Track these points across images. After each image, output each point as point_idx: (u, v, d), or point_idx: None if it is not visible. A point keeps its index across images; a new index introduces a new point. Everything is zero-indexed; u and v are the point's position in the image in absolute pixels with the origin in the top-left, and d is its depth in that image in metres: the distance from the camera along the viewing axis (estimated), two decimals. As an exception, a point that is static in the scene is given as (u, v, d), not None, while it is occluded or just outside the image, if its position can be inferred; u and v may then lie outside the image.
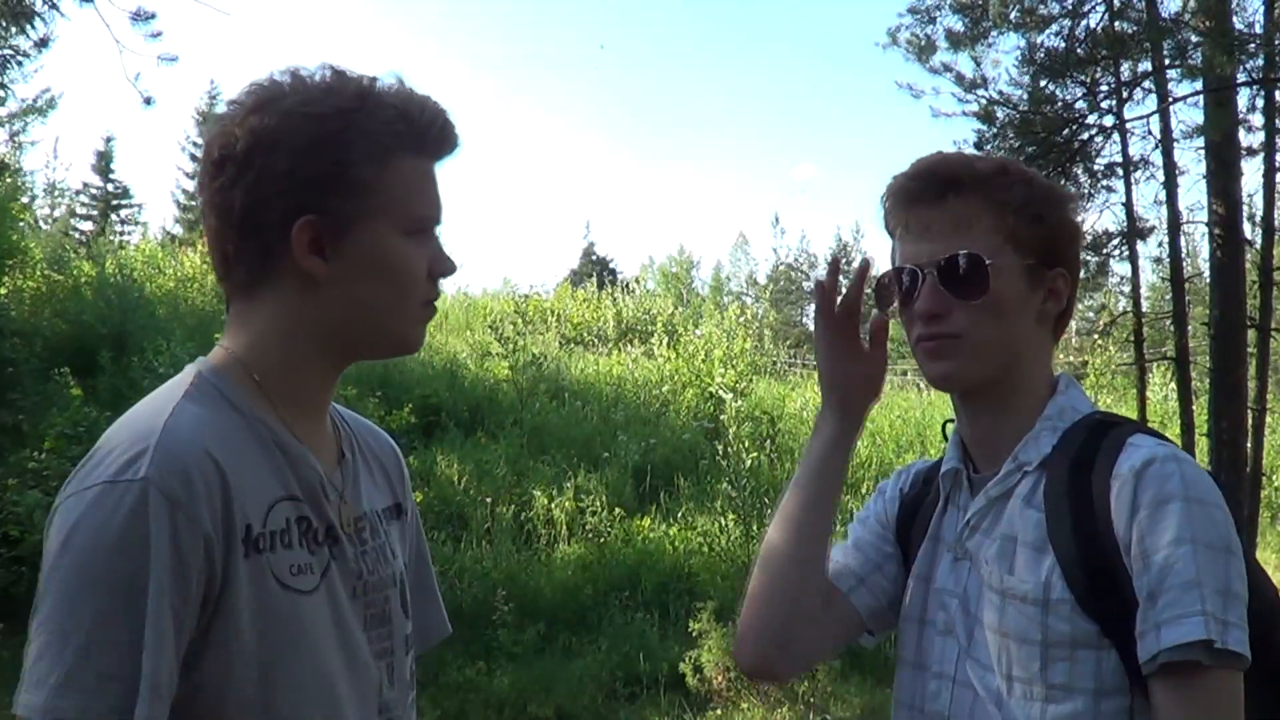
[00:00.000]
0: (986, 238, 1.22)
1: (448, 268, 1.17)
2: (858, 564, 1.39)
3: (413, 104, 1.11)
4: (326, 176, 1.06)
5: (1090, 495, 1.14)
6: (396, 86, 1.12)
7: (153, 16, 7.02)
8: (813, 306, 1.38)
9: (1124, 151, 7.09)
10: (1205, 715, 1.05)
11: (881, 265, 1.36)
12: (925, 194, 1.24)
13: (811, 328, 1.38)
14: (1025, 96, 7.18)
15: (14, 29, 7.26)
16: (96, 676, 0.91)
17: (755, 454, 7.91)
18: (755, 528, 6.99)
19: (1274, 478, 11.11)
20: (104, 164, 33.21)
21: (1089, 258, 7.44)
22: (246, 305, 1.13)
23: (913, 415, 12.49)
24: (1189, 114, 7.83)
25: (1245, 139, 6.93)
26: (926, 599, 1.30)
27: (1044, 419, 1.24)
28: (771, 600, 1.31)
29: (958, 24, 7.10)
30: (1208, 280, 7.00)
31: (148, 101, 7.31)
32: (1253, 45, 6.25)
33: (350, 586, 1.14)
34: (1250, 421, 6.55)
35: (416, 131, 1.11)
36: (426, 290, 1.16)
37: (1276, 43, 6.19)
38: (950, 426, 1.38)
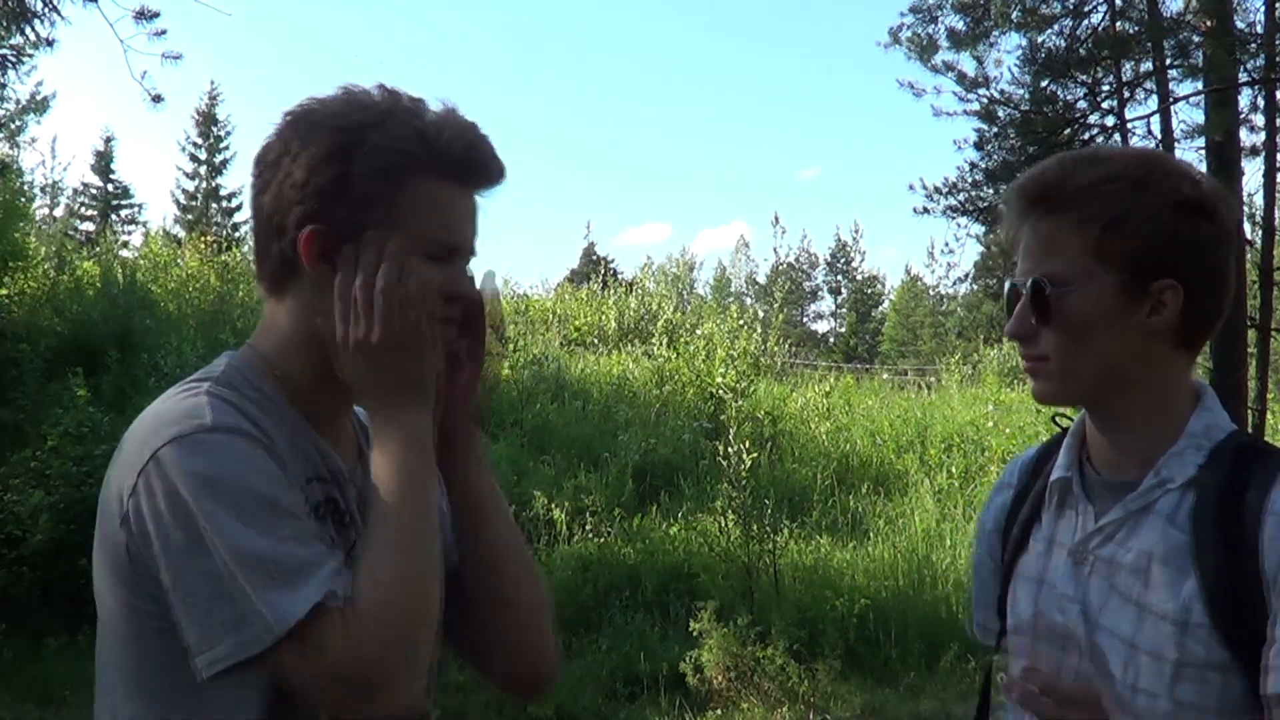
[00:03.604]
0: (1072, 258, 1.19)
1: (464, 291, 1.16)
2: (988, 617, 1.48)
3: (433, 127, 1.10)
4: (334, 187, 1.08)
5: (1243, 526, 1.13)
6: (440, 111, 1.12)
7: (156, 15, 7.04)
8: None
9: (1125, 151, 7.08)
10: None
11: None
12: (1024, 210, 1.24)
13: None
14: (1027, 96, 7.18)
15: (14, 30, 7.26)
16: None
17: (755, 454, 7.90)
18: (755, 528, 6.99)
19: (1275, 478, 11.08)
20: (104, 164, 33.20)
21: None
22: (274, 307, 1.18)
23: (913, 415, 12.48)
24: (1190, 114, 7.86)
25: (1246, 139, 6.94)
26: (1038, 602, 1.30)
27: (1189, 435, 1.21)
28: None
29: (959, 23, 7.11)
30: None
31: (156, 100, 7.33)
32: (1254, 45, 6.24)
33: None
34: (1250, 421, 6.54)
35: (433, 153, 1.10)
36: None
37: (1277, 43, 6.19)
38: (1064, 421, 1.38)
